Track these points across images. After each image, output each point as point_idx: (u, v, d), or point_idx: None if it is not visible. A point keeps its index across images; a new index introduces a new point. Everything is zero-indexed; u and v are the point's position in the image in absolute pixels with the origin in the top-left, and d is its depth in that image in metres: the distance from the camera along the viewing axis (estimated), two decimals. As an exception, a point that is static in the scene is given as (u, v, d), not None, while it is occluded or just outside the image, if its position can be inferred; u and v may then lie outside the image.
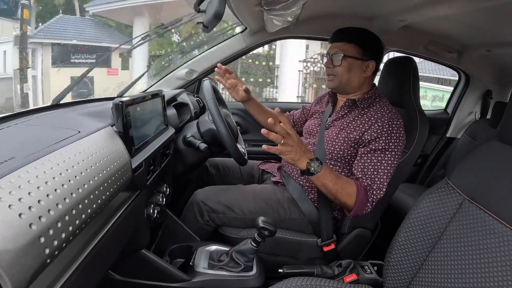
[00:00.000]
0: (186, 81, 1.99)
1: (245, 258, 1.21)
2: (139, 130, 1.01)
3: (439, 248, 0.91)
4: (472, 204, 0.86)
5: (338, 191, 1.20)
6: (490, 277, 0.75)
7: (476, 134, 2.24)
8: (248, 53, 2.04)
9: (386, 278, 1.03)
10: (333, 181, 1.19)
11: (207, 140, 1.41)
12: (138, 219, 1.07)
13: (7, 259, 0.43)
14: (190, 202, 1.45)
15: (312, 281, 1.04)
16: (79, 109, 1.07)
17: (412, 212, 0.99)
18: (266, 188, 1.50)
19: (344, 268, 1.21)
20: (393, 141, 1.25)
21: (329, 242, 1.36)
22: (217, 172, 1.74)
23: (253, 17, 1.66)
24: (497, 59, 2.14)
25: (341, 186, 1.20)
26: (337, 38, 1.39)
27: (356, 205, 1.21)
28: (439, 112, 2.61)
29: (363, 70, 1.36)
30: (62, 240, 0.54)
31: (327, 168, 1.20)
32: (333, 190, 1.20)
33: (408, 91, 1.50)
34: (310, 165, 1.15)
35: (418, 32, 1.95)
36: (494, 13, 1.41)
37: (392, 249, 1.01)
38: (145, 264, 1.16)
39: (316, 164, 1.16)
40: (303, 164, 1.15)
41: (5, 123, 0.84)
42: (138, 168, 0.95)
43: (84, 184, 0.63)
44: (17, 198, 0.49)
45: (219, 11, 1.00)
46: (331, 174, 1.20)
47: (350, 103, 1.38)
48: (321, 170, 1.16)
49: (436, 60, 2.23)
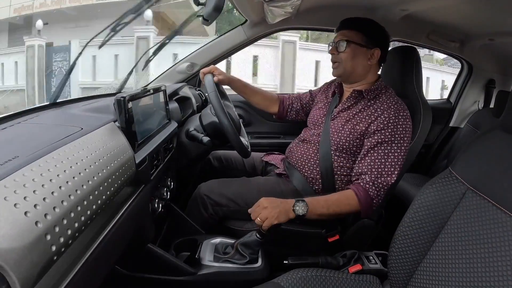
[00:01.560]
0: (188, 75, 1.98)
1: (250, 250, 1.22)
2: (141, 125, 1.01)
3: (443, 238, 0.91)
4: (476, 194, 0.86)
5: (336, 210, 1.23)
6: (493, 266, 0.75)
7: (479, 124, 2.23)
8: (249, 45, 2.02)
9: (390, 268, 1.03)
10: (325, 206, 1.21)
11: (210, 133, 1.41)
12: (143, 214, 1.08)
13: (14, 257, 0.43)
14: (194, 196, 1.45)
15: (317, 272, 1.04)
16: (81, 105, 1.07)
17: (416, 202, 0.99)
18: (270, 180, 1.50)
19: (348, 259, 1.22)
20: (399, 132, 1.25)
21: (333, 233, 1.37)
22: (220, 165, 1.74)
23: (254, 9, 1.65)
24: (499, 48, 2.12)
25: (336, 205, 1.23)
26: (342, 26, 1.40)
27: (362, 207, 1.24)
28: (442, 101, 2.59)
29: (367, 58, 1.36)
30: (68, 237, 0.55)
31: (312, 199, 1.22)
32: (332, 213, 1.23)
33: (411, 81, 1.49)
34: (296, 210, 1.17)
35: (420, 21, 1.93)
36: (496, 2, 1.40)
37: (396, 239, 1.01)
38: (151, 258, 1.17)
39: (301, 205, 1.18)
40: (290, 213, 1.17)
41: (7, 122, 0.84)
42: (142, 163, 0.95)
43: (89, 180, 0.64)
44: (22, 197, 0.49)
45: (219, 4, 1.00)
46: (319, 202, 1.22)
47: (356, 94, 1.38)
48: (309, 206, 1.18)
49: (438, 50, 2.21)
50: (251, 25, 1.91)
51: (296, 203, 1.17)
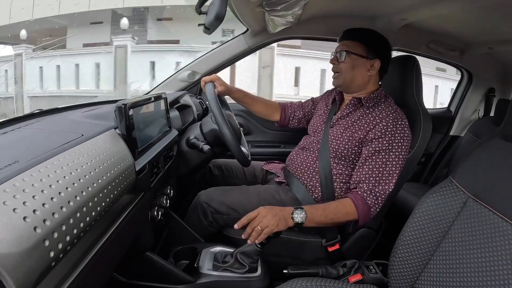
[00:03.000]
0: (189, 83, 1.99)
1: (249, 259, 1.21)
2: (142, 132, 1.02)
3: (444, 247, 0.90)
4: (477, 203, 0.86)
5: (334, 218, 1.22)
6: (495, 275, 0.75)
7: (479, 132, 2.23)
8: (250, 54, 2.03)
9: (391, 278, 1.02)
10: (323, 214, 1.21)
11: (210, 141, 1.41)
12: (142, 221, 1.07)
13: (12, 262, 0.43)
14: (194, 204, 1.45)
15: (317, 281, 1.04)
16: (82, 112, 1.08)
17: (416, 212, 0.99)
18: (269, 188, 1.50)
19: (349, 268, 1.21)
20: (396, 141, 1.25)
21: (333, 243, 1.36)
22: (220, 173, 1.74)
23: (255, 18, 1.67)
24: (499, 56, 2.13)
25: (334, 213, 1.22)
26: (344, 36, 1.42)
27: (359, 216, 1.23)
28: (442, 110, 2.60)
29: (367, 69, 1.38)
30: (67, 243, 0.54)
31: (311, 207, 1.21)
32: (329, 221, 1.22)
33: (411, 90, 1.50)
34: (295, 218, 1.17)
35: (420, 31, 1.95)
36: (495, 11, 1.41)
37: (397, 249, 1.01)
38: (150, 266, 1.16)
39: (299, 212, 1.17)
40: (289, 220, 1.16)
41: (8, 127, 0.84)
42: (142, 170, 0.95)
43: (88, 187, 0.64)
44: (21, 202, 0.49)
45: (221, 13, 1.00)
46: (317, 210, 1.21)
47: (355, 101, 1.39)
48: (307, 214, 1.18)
49: (438, 59, 2.22)
50: (252, 34, 1.92)
51: (295, 211, 1.17)
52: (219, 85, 1.51)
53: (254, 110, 1.72)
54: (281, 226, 1.14)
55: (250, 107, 1.71)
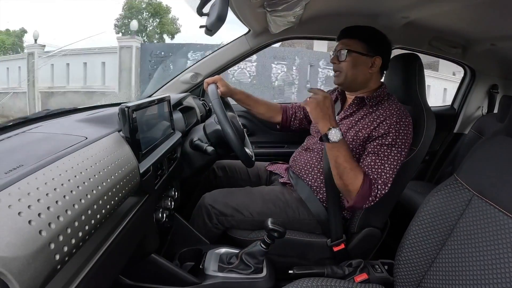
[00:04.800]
0: (192, 85, 1.99)
1: (255, 260, 1.21)
2: (146, 135, 1.02)
3: (450, 245, 0.90)
4: (482, 200, 0.86)
5: (347, 170, 1.20)
6: (501, 273, 0.74)
7: (483, 129, 2.22)
8: (253, 54, 2.04)
9: (396, 277, 1.02)
10: (345, 158, 1.20)
11: (214, 142, 1.41)
12: (147, 224, 1.07)
13: (17, 266, 0.43)
14: (199, 206, 1.45)
15: (323, 281, 1.03)
16: (85, 115, 1.08)
17: (421, 210, 0.98)
18: (274, 189, 1.50)
19: (354, 268, 1.21)
20: (400, 137, 1.25)
21: (338, 242, 1.35)
22: (224, 174, 1.74)
23: (256, 18, 1.66)
24: (502, 53, 2.12)
25: (350, 167, 1.20)
26: (343, 35, 1.41)
27: (357, 195, 1.21)
28: (445, 108, 2.59)
29: (368, 66, 1.37)
30: (72, 246, 0.55)
31: (346, 144, 1.21)
32: (341, 167, 1.20)
33: (414, 88, 1.49)
34: (330, 131, 1.17)
35: (422, 28, 1.94)
36: (496, 7, 1.40)
37: (402, 248, 1.00)
38: (155, 268, 1.16)
39: (336, 133, 1.17)
40: (325, 127, 1.18)
41: (13, 131, 0.84)
42: (146, 172, 0.95)
43: (93, 189, 0.64)
44: (26, 205, 0.49)
45: (222, 14, 1.00)
46: (346, 151, 1.20)
47: (358, 100, 1.39)
48: (338, 142, 1.18)
49: (441, 56, 2.21)
50: (254, 35, 1.92)
51: (337, 129, 1.18)
52: (222, 86, 1.52)
53: (256, 111, 1.72)
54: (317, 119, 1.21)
55: (252, 108, 1.71)
